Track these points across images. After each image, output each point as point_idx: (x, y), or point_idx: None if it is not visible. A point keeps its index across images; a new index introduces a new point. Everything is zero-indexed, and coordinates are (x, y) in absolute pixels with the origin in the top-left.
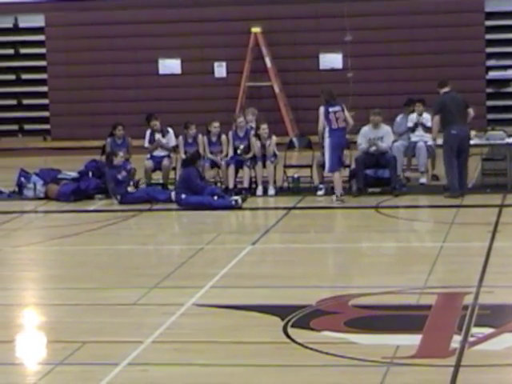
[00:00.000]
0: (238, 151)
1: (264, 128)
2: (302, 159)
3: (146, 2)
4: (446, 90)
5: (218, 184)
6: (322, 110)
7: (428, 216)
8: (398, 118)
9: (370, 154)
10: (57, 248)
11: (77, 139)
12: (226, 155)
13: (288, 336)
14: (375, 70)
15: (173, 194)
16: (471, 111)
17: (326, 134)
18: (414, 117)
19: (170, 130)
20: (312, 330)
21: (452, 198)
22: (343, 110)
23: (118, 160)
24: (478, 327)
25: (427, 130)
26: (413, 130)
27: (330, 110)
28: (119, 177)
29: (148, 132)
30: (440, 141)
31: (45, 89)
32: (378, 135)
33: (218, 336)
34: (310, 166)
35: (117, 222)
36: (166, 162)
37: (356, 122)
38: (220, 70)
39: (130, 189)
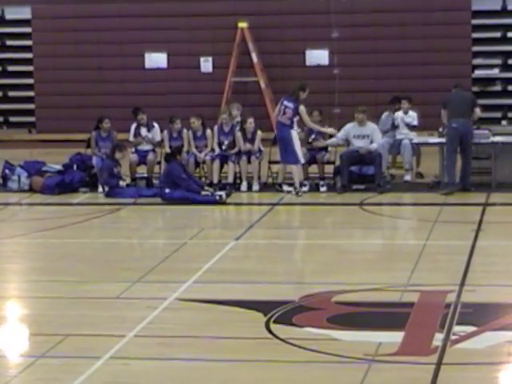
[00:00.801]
0: (223, 147)
1: (251, 122)
2: None
3: None
4: (456, 89)
5: (203, 179)
6: (301, 108)
7: (412, 214)
8: (383, 116)
9: (354, 151)
10: (40, 241)
11: (62, 132)
12: (212, 150)
13: (270, 332)
14: (362, 67)
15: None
16: (478, 111)
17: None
18: (399, 114)
19: (155, 124)
20: (294, 325)
21: (449, 194)
22: (294, 109)
23: (120, 155)
24: (460, 325)
25: (412, 128)
26: (396, 127)
27: (285, 102)
28: (115, 170)
29: (133, 126)
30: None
31: (31, 81)
32: (363, 133)
33: (200, 331)
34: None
35: (101, 216)
36: (151, 156)
37: (342, 120)
38: (206, 64)
39: (122, 183)
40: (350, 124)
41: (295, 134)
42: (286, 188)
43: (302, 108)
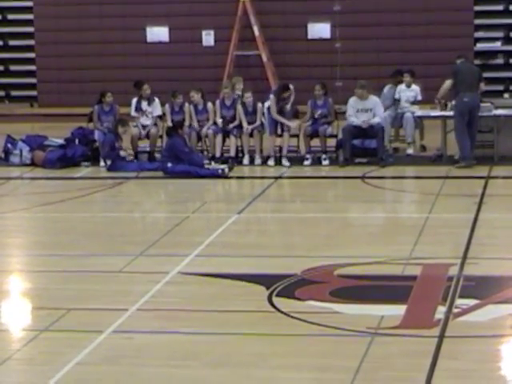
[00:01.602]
0: (220, 125)
1: (248, 96)
2: None
3: None
4: (461, 60)
5: (205, 153)
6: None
7: (414, 187)
8: (385, 89)
9: (357, 125)
10: (42, 215)
11: (64, 106)
12: (214, 123)
13: (273, 305)
14: (364, 41)
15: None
16: (482, 85)
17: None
18: (401, 88)
19: (155, 98)
20: (297, 299)
21: (466, 167)
22: None
23: (122, 130)
24: (462, 298)
25: (415, 103)
26: (398, 100)
27: None
28: (116, 144)
29: (134, 100)
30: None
31: (32, 55)
32: (366, 106)
33: (202, 304)
34: (297, 136)
35: (103, 190)
36: (153, 130)
37: (344, 92)
38: (208, 38)
39: (122, 153)
40: (353, 98)
41: None
42: (285, 162)
43: (271, 97)
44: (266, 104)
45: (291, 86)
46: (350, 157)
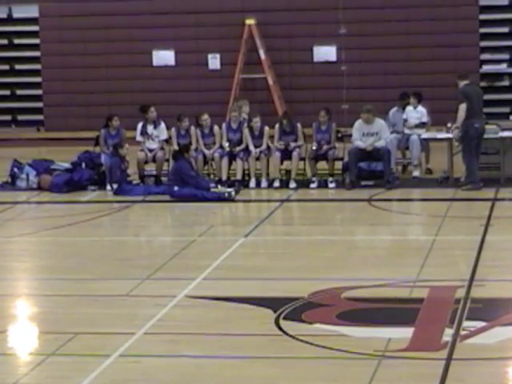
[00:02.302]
0: (226, 148)
1: (256, 121)
2: None
3: None
4: (466, 82)
5: (211, 176)
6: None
7: (421, 209)
8: (391, 113)
9: (363, 148)
10: (49, 239)
11: (70, 130)
12: (221, 147)
13: (280, 328)
14: (370, 63)
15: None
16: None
17: None
18: (409, 109)
19: (162, 122)
20: (304, 322)
21: (474, 190)
22: None
23: (124, 151)
24: (469, 321)
25: (422, 125)
26: (406, 121)
27: None
28: (122, 166)
29: (140, 124)
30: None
31: (38, 79)
32: (371, 130)
33: (210, 328)
34: (303, 159)
35: (110, 214)
36: (159, 153)
37: (350, 115)
38: (214, 61)
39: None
40: (359, 121)
41: None
42: (292, 185)
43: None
44: None
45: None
46: (357, 179)
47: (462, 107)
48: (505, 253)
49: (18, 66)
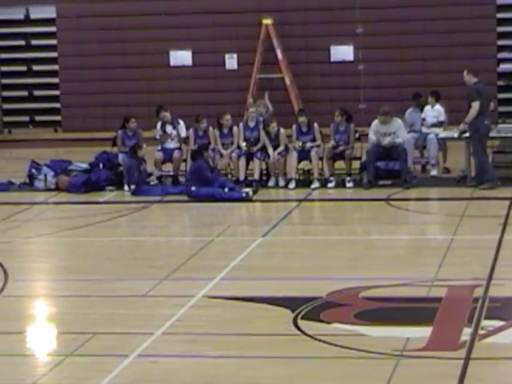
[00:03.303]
0: (244, 148)
1: (273, 126)
2: None
3: None
4: (476, 79)
5: (229, 176)
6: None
7: (439, 208)
8: (407, 113)
9: (380, 147)
10: (67, 239)
11: (87, 131)
12: (238, 147)
13: (298, 328)
14: (386, 63)
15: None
16: (492, 105)
17: None
18: (427, 108)
19: (180, 121)
20: (322, 322)
21: (491, 189)
22: None
23: (142, 152)
24: (488, 320)
25: (440, 124)
26: (424, 120)
27: None
28: (141, 167)
29: (159, 124)
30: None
31: (56, 80)
32: (389, 130)
33: (228, 328)
34: (321, 159)
35: (128, 214)
36: (177, 153)
37: (367, 115)
38: (231, 61)
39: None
40: (376, 121)
41: None
42: (314, 185)
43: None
44: None
45: None
46: (374, 179)
47: (476, 105)
48: None
49: (35, 67)
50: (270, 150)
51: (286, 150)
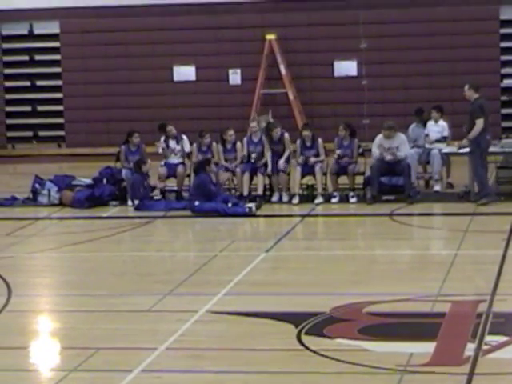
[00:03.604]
0: (252, 160)
1: (277, 131)
2: None
3: (161, 9)
4: (478, 95)
5: (233, 191)
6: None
7: (442, 224)
8: (410, 129)
9: (384, 162)
10: (71, 254)
11: (91, 146)
12: (242, 162)
13: (302, 343)
14: (390, 78)
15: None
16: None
17: None
18: (430, 123)
19: (184, 136)
20: (326, 337)
21: (489, 203)
22: None
23: (147, 167)
24: (491, 335)
25: (443, 139)
26: (427, 135)
27: None
28: (145, 183)
29: (162, 139)
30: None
31: (60, 95)
32: (392, 145)
33: (231, 343)
34: (325, 174)
35: (131, 229)
36: (180, 169)
37: (371, 130)
38: (234, 77)
39: (158, 184)
40: (379, 136)
41: None
42: (318, 200)
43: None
44: None
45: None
46: (378, 194)
47: (480, 122)
48: None
49: (39, 82)
50: (269, 160)
51: (288, 162)
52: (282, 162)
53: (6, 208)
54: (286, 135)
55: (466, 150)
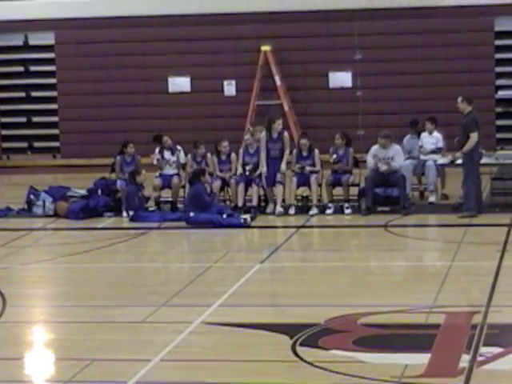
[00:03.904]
0: (247, 172)
1: (279, 124)
2: None
3: (156, 21)
4: (470, 108)
5: (227, 202)
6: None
7: (437, 235)
8: (405, 140)
9: (379, 173)
10: (66, 265)
11: (86, 157)
12: (236, 173)
13: (296, 355)
14: (385, 89)
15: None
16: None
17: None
18: (424, 135)
19: (179, 147)
20: (321, 348)
21: (469, 217)
22: None
23: (141, 178)
24: (486, 346)
25: (438, 151)
26: (421, 147)
27: None
28: (139, 194)
29: (157, 150)
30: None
31: (54, 106)
32: (387, 155)
33: (226, 354)
34: (320, 185)
35: (126, 240)
36: (175, 179)
37: (366, 141)
38: (229, 88)
39: (150, 194)
40: (375, 147)
41: None
42: (313, 211)
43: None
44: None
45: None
46: (373, 205)
47: (474, 136)
48: None
49: (34, 93)
50: (264, 173)
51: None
52: (283, 166)
53: (1, 219)
54: (286, 134)
55: (459, 161)
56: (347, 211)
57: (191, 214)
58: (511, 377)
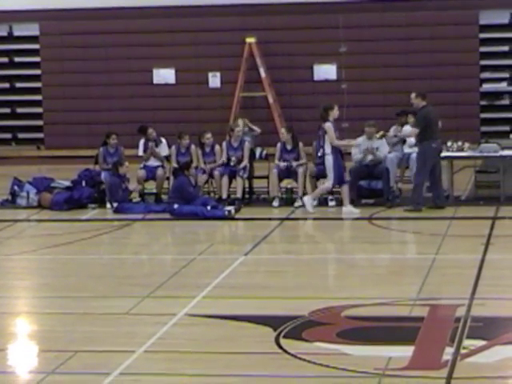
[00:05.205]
0: (231, 163)
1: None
2: None
3: (141, 12)
4: (424, 102)
5: (212, 194)
6: (328, 124)
7: (421, 228)
8: (391, 130)
9: (363, 166)
10: (49, 257)
11: (70, 148)
12: (221, 165)
13: (280, 347)
14: (370, 82)
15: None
16: (439, 124)
17: (329, 150)
18: (406, 128)
19: (163, 139)
20: (304, 340)
21: (414, 211)
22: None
23: (124, 169)
24: (470, 339)
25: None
26: (404, 141)
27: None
28: (123, 185)
29: (141, 142)
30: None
31: (39, 97)
32: (373, 146)
33: (210, 346)
34: (304, 177)
35: (110, 232)
36: (160, 171)
37: (350, 133)
38: (214, 80)
39: (131, 187)
40: (360, 138)
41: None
42: (298, 203)
43: (328, 124)
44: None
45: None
46: (357, 198)
47: (414, 131)
48: (505, 271)
49: (18, 84)
50: (246, 161)
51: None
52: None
53: None
54: (301, 144)
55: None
56: (331, 203)
57: (175, 206)
58: (494, 369)
